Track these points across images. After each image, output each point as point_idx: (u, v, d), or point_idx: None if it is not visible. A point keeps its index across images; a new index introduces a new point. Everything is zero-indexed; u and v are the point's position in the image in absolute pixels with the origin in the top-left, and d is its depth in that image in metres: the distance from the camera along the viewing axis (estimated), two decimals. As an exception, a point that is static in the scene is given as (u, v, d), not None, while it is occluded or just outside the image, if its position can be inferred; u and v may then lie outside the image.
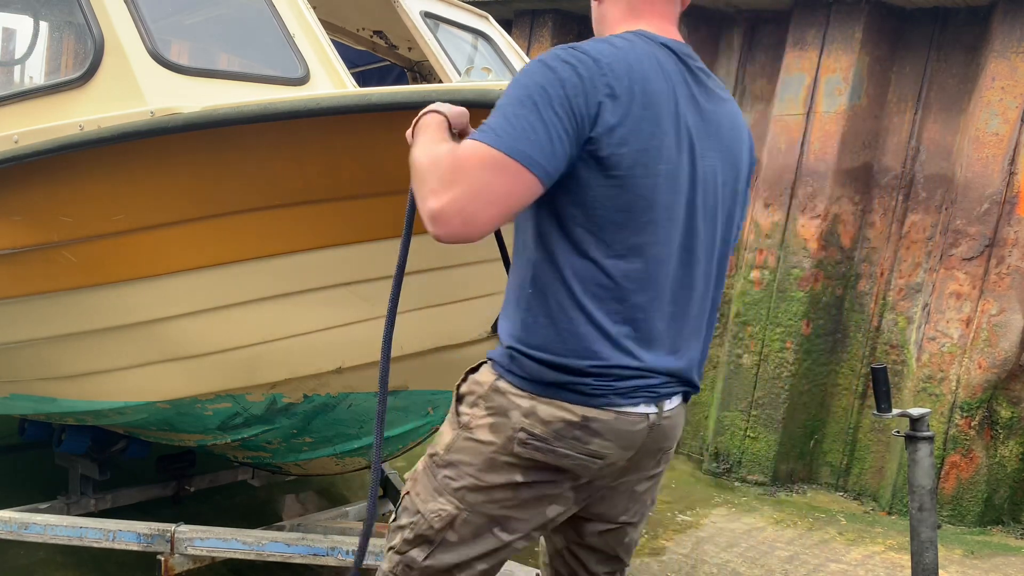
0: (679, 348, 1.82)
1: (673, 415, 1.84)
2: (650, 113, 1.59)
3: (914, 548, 2.82)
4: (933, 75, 4.99)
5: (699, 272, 1.78)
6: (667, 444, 1.86)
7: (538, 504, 1.78)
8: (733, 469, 5.35)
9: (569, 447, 1.71)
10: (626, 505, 1.92)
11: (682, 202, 1.69)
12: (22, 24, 4.06)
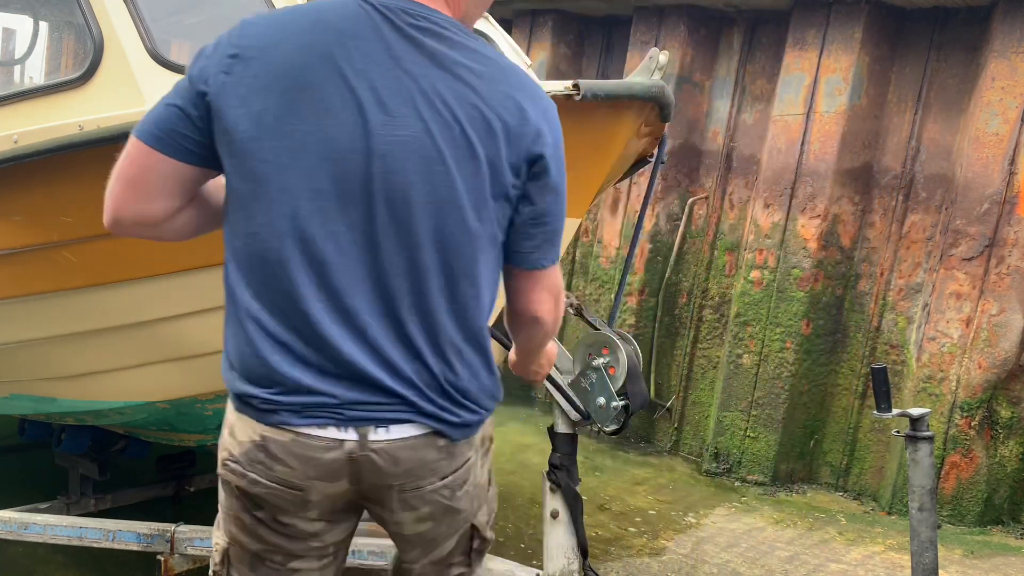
0: (389, 363, 1.49)
1: (395, 448, 1.52)
2: (280, 82, 1.42)
3: (914, 548, 2.82)
4: (933, 75, 4.99)
5: (397, 268, 1.46)
6: (401, 483, 1.55)
7: (277, 535, 1.60)
8: (733, 469, 5.35)
9: (258, 473, 1.53)
10: (404, 547, 1.73)
11: (326, 179, 1.43)
12: (22, 24, 4.06)
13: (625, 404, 2.61)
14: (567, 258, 6.43)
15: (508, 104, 1.49)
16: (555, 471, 2.71)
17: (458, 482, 1.62)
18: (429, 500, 1.60)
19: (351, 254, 1.45)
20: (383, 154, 1.42)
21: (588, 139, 2.50)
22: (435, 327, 1.50)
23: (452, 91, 1.45)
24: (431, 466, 1.56)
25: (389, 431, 1.51)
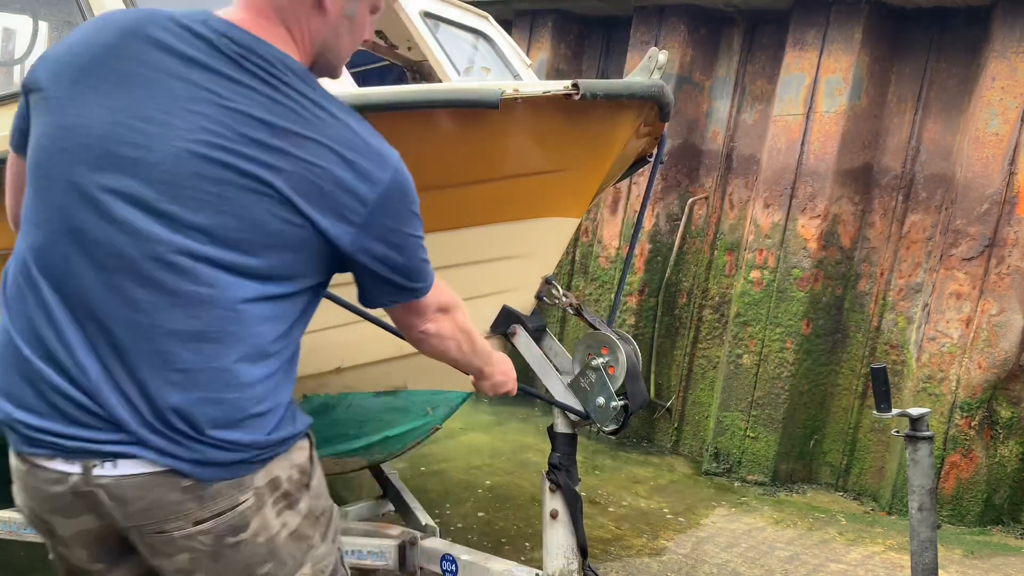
0: (114, 391, 1.39)
1: (124, 486, 1.40)
2: (60, 92, 1.41)
3: (914, 548, 2.82)
4: (933, 75, 4.99)
5: (113, 292, 1.38)
6: (138, 524, 1.44)
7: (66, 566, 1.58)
8: (733, 469, 5.34)
9: (21, 502, 1.49)
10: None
11: (59, 194, 1.40)
12: (22, 24, 4.06)
13: (624, 404, 2.61)
14: (567, 258, 6.43)
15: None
16: (555, 471, 2.71)
17: (227, 529, 1.48)
18: (184, 547, 1.47)
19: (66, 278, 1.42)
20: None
21: (587, 139, 2.50)
22: (163, 353, 1.40)
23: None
24: (173, 508, 1.43)
25: (116, 466, 1.40)
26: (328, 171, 1.42)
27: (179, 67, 1.40)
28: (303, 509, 1.58)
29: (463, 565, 2.82)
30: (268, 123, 1.40)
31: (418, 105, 2.32)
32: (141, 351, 1.39)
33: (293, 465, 1.57)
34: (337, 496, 4.31)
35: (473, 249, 2.63)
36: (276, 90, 1.42)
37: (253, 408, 1.46)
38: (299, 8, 1.49)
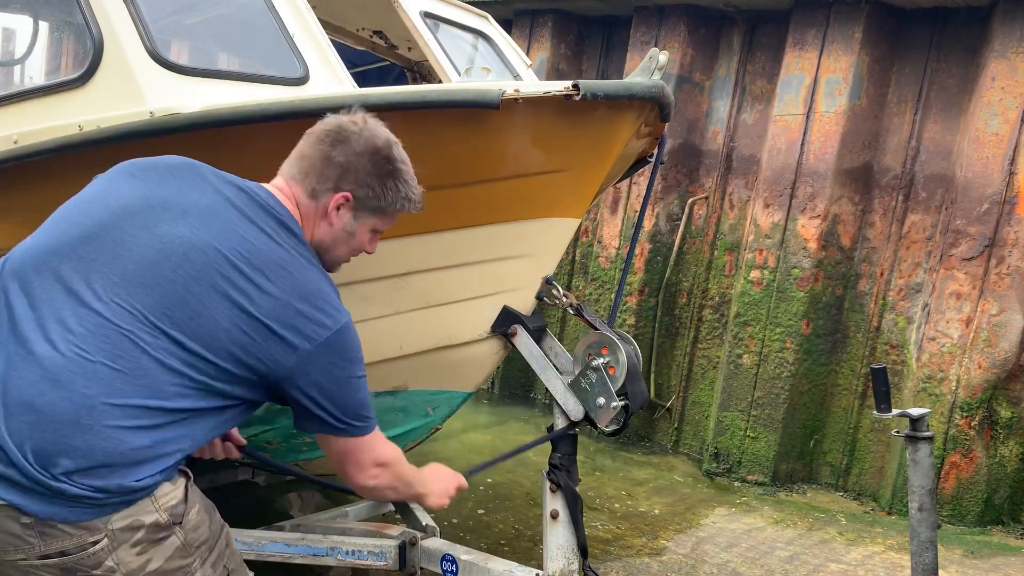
0: None
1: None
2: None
3: (914, 548, 2.82)
4: (933, 75, 4.99)
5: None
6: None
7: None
8: (733, 469, 5.35)
9: None
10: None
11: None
12: (22, 24, 4.06)
13: (625, 404, 2.61)
14: (567, 258, 6.43)
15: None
16: (555, 471, 2.71)
17: (75, 566, 1.53)
18: (29, 574, 1.54)
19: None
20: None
21: (588, 139, 2.50)
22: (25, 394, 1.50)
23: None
24: (13, 541, 1.50)
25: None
26: (292, 305, 1.68)
27: (212, 189, 1.77)
28: (174, 543, 1.66)
29: (463, 565, 2.82)
30: (264, 254, 1.69)
31: (418, 105, 2.32)
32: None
33: (160, 508, 1.63)
34: (337, 496, 4.31)
35: (473, 249, 2.63)
36: (284, 234, 1.75)
37: (120, 459, 1.53)
38: (311, 211, 1.84)
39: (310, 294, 1.71)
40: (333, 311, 1.74)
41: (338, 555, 2.95)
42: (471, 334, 2.73)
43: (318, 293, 1.73)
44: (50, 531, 1.50)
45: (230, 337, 1.62)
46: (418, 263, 2.64)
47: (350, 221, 1.86)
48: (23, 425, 1.48)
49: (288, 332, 1.67)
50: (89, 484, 1.50)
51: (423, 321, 2.74)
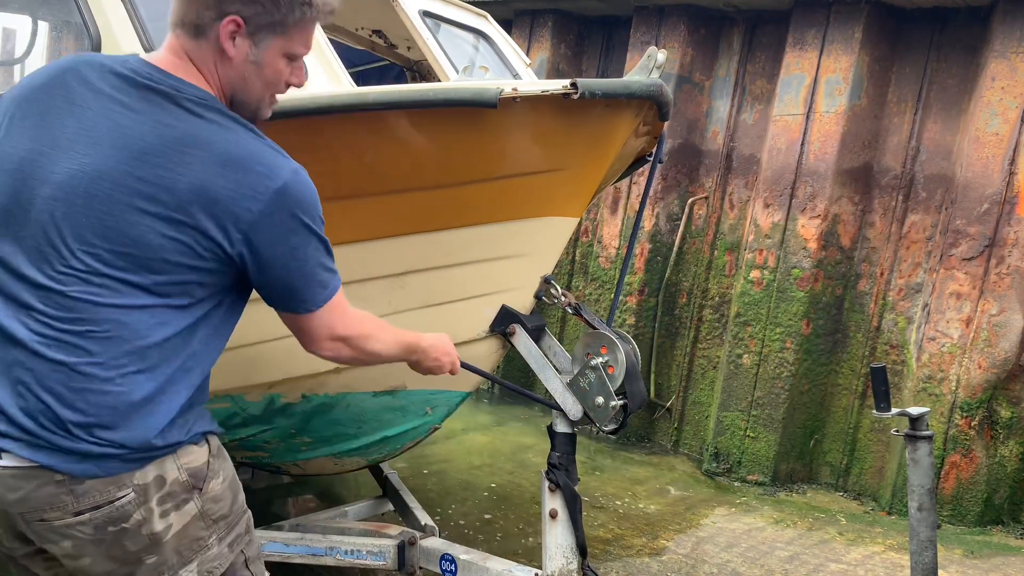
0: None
1: (3, 477, 1.53)
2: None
3: (914, 548, 2.81)
4: (933, 75, 4.99)
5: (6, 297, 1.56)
6: (21, 512, 1.56)
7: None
8: (733, 469, 5.34)
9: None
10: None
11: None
12: (22, 24, 4.07)
13: (624, 403, 2.61)
14: (567, 258, 6.43)
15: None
16: (554, 471, 2.70)
17: (106, 520, 1.57)
18: (66, 535, 1.57)
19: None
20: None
21: (586, 138, 2.50)
22: (32, 359, 1.52)
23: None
24: (49, 500, 1.54)
25: (1, 459, 1.53)
26: (212, 184, 1.53)
27: (92, 99, 1.58)
28: (192, 510, 1.66)
29: (462, 565, 2.82)
30: (162, 144, 1.53)
31: (417, 104, 2.32)
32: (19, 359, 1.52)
33: (183, 467, 1.65)
34: (337, 496, 4.32)
35: (472, 248, 2.63)
36: (176, 110, 1.57)
37: (131, 410, 1.56)
38: (206, 53, 1.64)
39: (230, 162, 1.55)
40: (265, 170, 1.58)
41: (337, 554, 2.96)
42: (470, 333, 2.73)
43: (239, 158, 1.56)
44: (81, 488, 1.54)
45: (170, 250, 1.53)
46: (416, 262, 2.64)
47: (250, 49, 1.64)
48: (29, 396, 1.52)
49: (220, 216, 1.54)
50: (109, 439, 1.54)
51: (422, 320, 2.74)
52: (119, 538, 1.59)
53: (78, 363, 1.52)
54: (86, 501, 1.55)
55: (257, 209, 1.56)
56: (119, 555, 1.61)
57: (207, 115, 1.59)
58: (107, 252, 1.52)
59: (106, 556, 1.60)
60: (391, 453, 3.23)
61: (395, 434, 3.01)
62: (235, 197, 1.55)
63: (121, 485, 1.57)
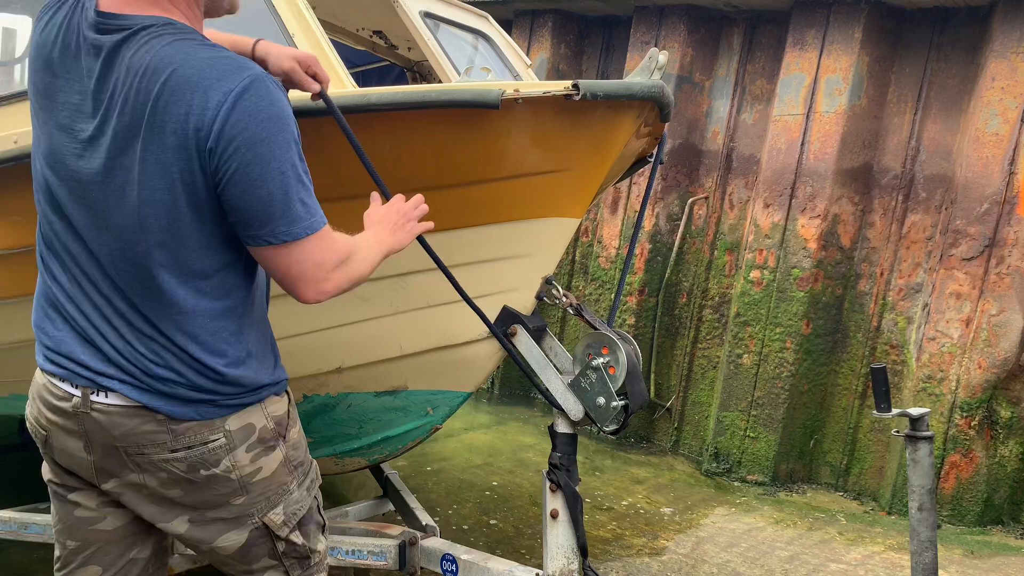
0: (105, 336, 1.67)
1: (111, 412, 1.67)
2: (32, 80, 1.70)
3: (914, 548, 2.82)
4: (933, 75, 4.99)
5: (83, 255, 1.66)
6: (124, 445, 1.69)
7: (55, 467, 1.83)
8: (733, 469, 5.35)
9: (30, 409, 1.82)
10: (193, 536, 1.81)
11: (39, 167, 1.72)
12: (22, 24, 4.06)
13: (625, 404, 2.61)
14: (567, 258, 6.43)
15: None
16: (555, 471, 2.71)
17: (198, 461, 1.70)
18: (163, 468, 1.71)
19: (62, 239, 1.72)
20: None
21: (587, 139, 2.50)
22: (134, 305, 1.64)
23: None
24: (151, 437, 1.68)
25: (107, 396, 1.67)
26: (169, 111, 1.50)
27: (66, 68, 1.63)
28: (279, 456, 1.80)
29: (463, 565, 2.82)
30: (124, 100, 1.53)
31: (418, 105, 2.32)
32: (125, 305, 1.65)
33: (268, 416, 1.78)
34: (337, 496, 4.32)
35: (473, 249, 2.64)
36: (118, 50, 1.55)
37: (214, 357, 1.67)
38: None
39: (176, 90, 1.49)
40: (213, 84, 1.49)
41: (338, 555, 2.96)
42: (471, 334, 2.74)
43: (184, 81, 1.49)
44: (178, 427, 1.68)
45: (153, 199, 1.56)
46: (417, 263, 2.64)
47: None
48: (139, 333, 1.66)
49: (183, 143, 1.51)
50: (199, 384, 1.67)
51: (423, 321, 2.74)
52: (210, 479, 1.72)
53: (163, 311, 1.64)
54: (182, 441, 1.69)
55: (217, 122, 1.51)
56: (209, 496, 1.74)
57: (158, 30, 1.58)
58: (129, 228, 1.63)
59: (196, 494, 1.74)
60: (392, 453, 3.23)
61: (396, 434, 3.01)
62: (184, 126, 1.52)
63: (214, 429, 1.70)
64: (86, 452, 1.73)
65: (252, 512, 1.78)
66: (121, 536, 1.83)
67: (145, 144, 1.52)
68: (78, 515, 1.81)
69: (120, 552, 1.83)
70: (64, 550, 1.84)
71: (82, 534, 1.81)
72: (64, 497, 1.82)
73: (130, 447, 1.69)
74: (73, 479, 1.80)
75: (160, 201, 1.55)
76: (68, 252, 1.68)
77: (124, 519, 1.82)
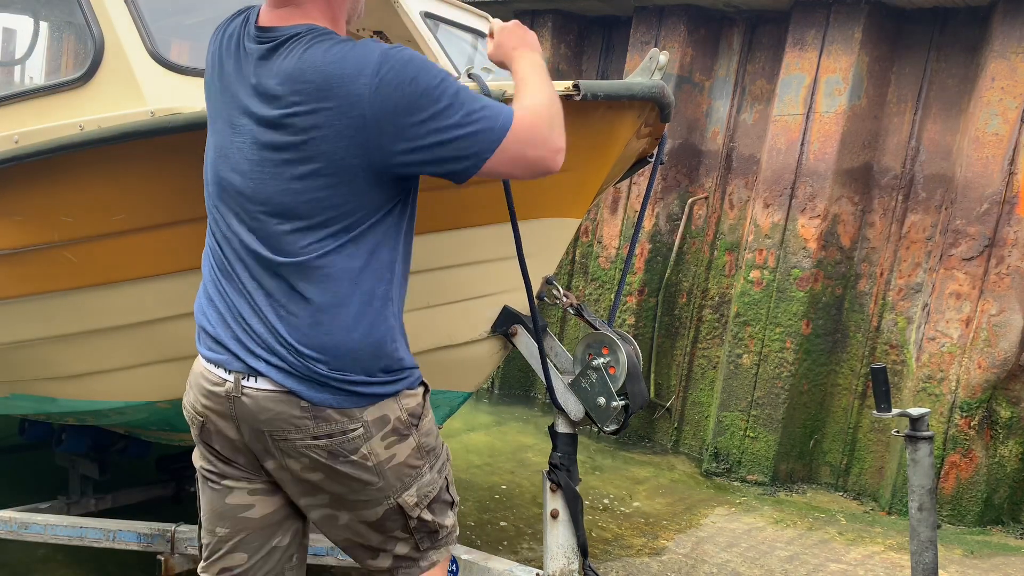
0: (253, 325, 1.79)
1: (259, 397, 1.79)
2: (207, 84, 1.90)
3: (914, 548, 2.82)
4: (933, 75, 4.99)
5: (232, 245, 1.81)
6: (269, 430, 1.81)
7: (210, 455, 1.92)
8: (733, 469, 5.35)
9: (187, 398, 1.91)
10: (325, 516, 1.94)
11: (208, 165, 1.88)
12: (22, 24, 4.07)
13: (625, 404, 2.61)
14: (567, 258, 6.43)
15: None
16: (555, 471, 2.70)
17: (338, 449, 1.81)
18: (305, 454, 1.81)
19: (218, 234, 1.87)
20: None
21: (588, 139, 2.50)
22: (287, 288, 1.75)
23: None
24: (295, 422, 1.78)
25: (257, 381, 1.78)
26: (326, 103, 1.63)
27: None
28: (411, 444, 1.90)
29: (463, 565, 2.82)
30: (275, 88, 1.69)
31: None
32: (270, 298, 1.77)
33: (403, 408, 1.88)
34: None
35: (474, 249, 2.63)
36: (275, 59, 1.72)
37: (357, 351, 1.78)
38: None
39: (328, 70, 1.64)
40: (355, 60, 1.64)
41: (338, 555, 2.96)
42: (471, 334, 2.73)
43: (329, 67, 1.65)
44: (320, 415, 1.78)
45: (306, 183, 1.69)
46: (419, 263, 2.63)
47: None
48: (286, 325, 1.76)
49: (343, 117, 1.64)
50: (341, 376, 1.77)
51: (423, 321, 2.74)
52: (349, 465, 1.82)
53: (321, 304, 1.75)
54: (323, 428, 1.79)
55: (367, 101, 1.64)
56: (349, 479, 1.84)
57: (304, 51, 1.73)
58: (278, 206, 1.77)
59: (336, 479, 1.84)
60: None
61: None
62: (344, 99, 1.67)
63: (353, 418, 1.80)
64: (239, 434, 1.84)
65: (388, 495, 1.89)
66: (267, 524, 1.94)
67: (309, 131, 1.65)
68: (229, 502, 1.91)
69: (264, 540, 1.94)
70: (213, 537, 1.94)
71: (232, 521, 1.92)
72: (217, 484, 1.92)
73: (275, 432, 1.80)
74: (229, 467, 1.91)
75: (329, 182, 1.68)
76: (228, 241, 1.81)
77: (271, 507, 1.93)
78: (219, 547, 1.93)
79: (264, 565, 1.95)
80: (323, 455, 1.81)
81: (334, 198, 1.69)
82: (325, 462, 1.82)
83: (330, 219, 1.70)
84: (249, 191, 1.74)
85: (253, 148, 1.72)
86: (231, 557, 1.92)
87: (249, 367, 1.78)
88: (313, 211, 1.69)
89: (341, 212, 1.70)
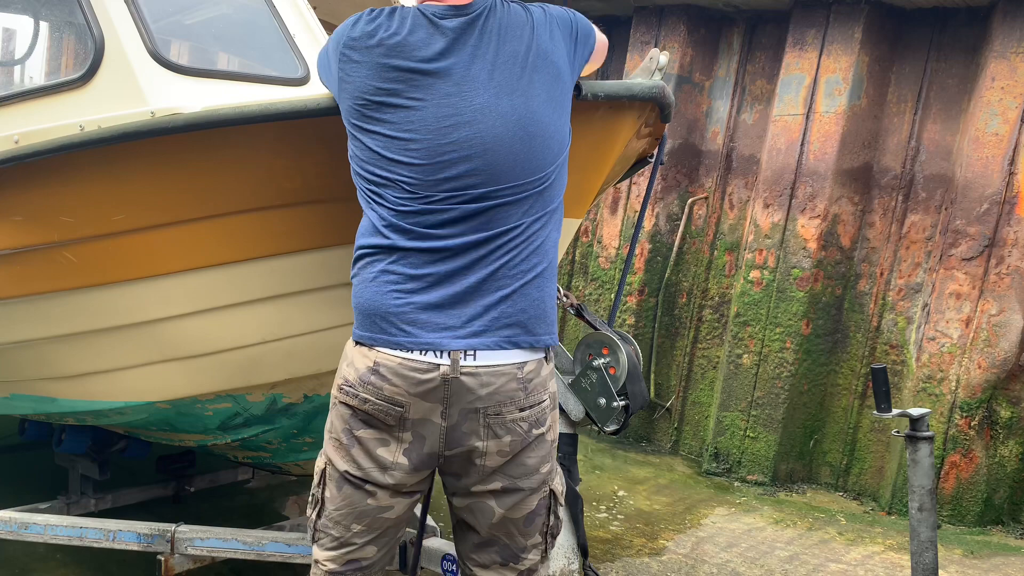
0: (472, 304, 1.86)
1: (480, 373, 1.84)
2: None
3: (914, 548, 2.82)
4: (933, 75, 4.99)
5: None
6: (483, 406, 1.85)
7: (366, 454, 1.95)
8: (733, 469, 5.35)
9: (369, 392, 1.90)
10: (469, 471, 1.96)
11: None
12: (22, 24, 4.06)
13: (625, 404, 2.61)
14: (567, 258, 6.44)
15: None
16: (555, 471, 2.71)
17: (535, 420, 1.89)
18: (510, 430, 1.88)
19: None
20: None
21: (588, 139, 2.50)
22: (509, 260, 1.86)
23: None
24: (510, 394, 1.85)
25: (476, 358, 1.83)
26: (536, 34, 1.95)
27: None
28: (557, 415, 2.01)
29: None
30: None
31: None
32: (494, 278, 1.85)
33: (555, 379, 2.00)
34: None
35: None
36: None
37: (548, 320, 1.90)
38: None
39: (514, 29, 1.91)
40: (536, 19, 1.95)
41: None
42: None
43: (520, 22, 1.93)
44: (529, 385, 1.88)
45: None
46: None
47: None
48: (506, 300, 1.86)
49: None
50: (540, 345, 1.88)
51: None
52: (538, 440, 1.91)
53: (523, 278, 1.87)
54: (530, 399, 1.88)
55: (559, 23, 2.02)
56: (534, 456, 1.91)
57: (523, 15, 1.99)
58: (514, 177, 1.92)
59: (519, 458, 1.90)
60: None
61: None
62: (551, 31, 2.03)
63: (544, 389, 1.91)
64: (442, 419, 1.86)
65: (547, 479, 1.96)
66: (399, 522, 2.04)
67: (522, 88, 1.87)
68: (370, 503, 1.97)
69: (394, 535, 2.05)
70: (347, 532, 1.99)
71: (370, 520, 1.98)
72: (361, 486, 1.96)
73: (491, 407, 1.85)
74: (378, 470, 1.93)
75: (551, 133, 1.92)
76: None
77: (405, 508, 2.01)
78: (353, 541, 1.99)
79: (387, 556, 2.06)
80: (524, 428, 1.89)
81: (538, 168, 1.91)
82: (523, 437, 1.89)
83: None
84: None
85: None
86: (364, 550, 2.00)
87: (470, 343, 1.83)
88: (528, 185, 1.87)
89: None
